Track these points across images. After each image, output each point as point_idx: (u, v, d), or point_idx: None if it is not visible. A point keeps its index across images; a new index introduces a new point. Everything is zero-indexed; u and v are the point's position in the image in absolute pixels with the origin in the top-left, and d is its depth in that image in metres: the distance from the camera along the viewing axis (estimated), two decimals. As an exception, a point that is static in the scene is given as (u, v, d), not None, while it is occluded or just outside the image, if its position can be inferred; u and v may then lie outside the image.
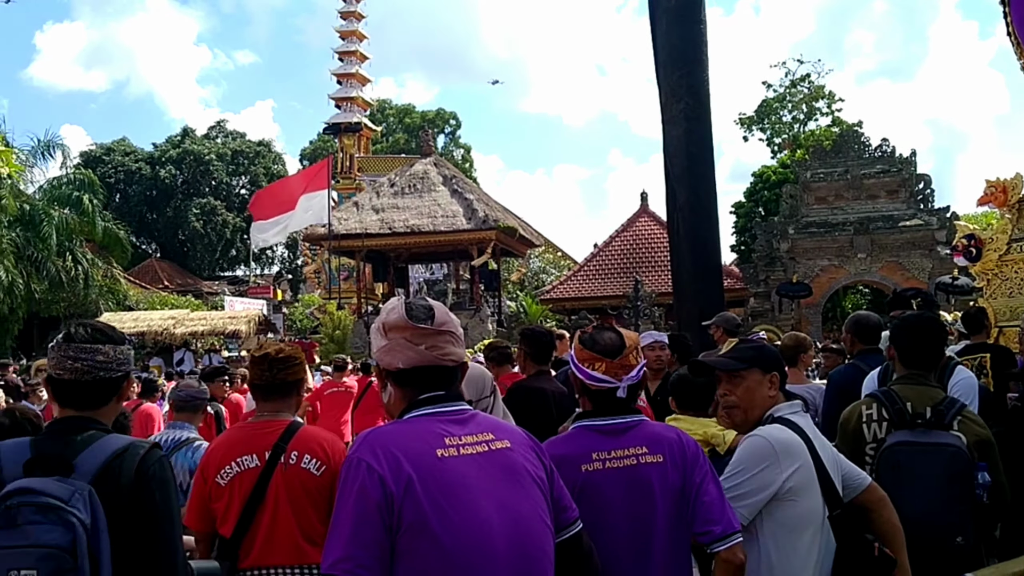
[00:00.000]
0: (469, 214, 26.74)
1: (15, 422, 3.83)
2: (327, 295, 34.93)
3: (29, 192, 29.70)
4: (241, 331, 27.58)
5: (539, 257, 39.39)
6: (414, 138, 55.94)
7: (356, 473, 2.01)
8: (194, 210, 54.60)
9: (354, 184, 42.04)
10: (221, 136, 60.70)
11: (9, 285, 25.50)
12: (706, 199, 9.64)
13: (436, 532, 1.96)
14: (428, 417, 2.14)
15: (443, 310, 2.26)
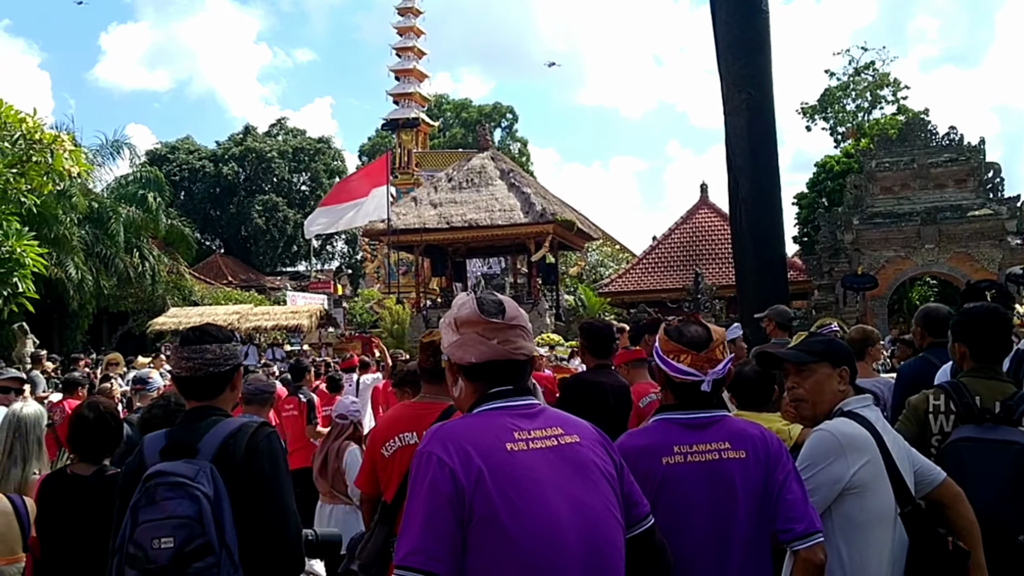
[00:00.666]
0: (527, 208, 26.71)
1: (98, 415, 3.94)
2: (386, 289, 35.25)
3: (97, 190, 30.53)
4: (303, 325, 28.01)
5: (597, 250, 39.24)
6: (471, 132, 56.08)
7: (427, 467, 2.03)
8: (256, 207, 55.52)
9: (412, 179, 42.28)
10: (282, 133, 61.62)
11: (79, 281, 26.23)
12: (769, 190, 9.51)
13: (506, 525, 1.97)
14: (498, 411, 2.15)
15: (513, 305, 2.28)
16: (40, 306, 14.60)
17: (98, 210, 28.27)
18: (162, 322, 28.08)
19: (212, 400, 2.79)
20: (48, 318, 26.08)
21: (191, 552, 2.43)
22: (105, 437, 3.94)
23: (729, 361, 2.74)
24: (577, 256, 34.05)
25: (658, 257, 32.87)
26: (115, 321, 32.04)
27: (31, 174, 13.19)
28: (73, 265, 25.76)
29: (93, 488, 3.87)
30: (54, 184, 14.22)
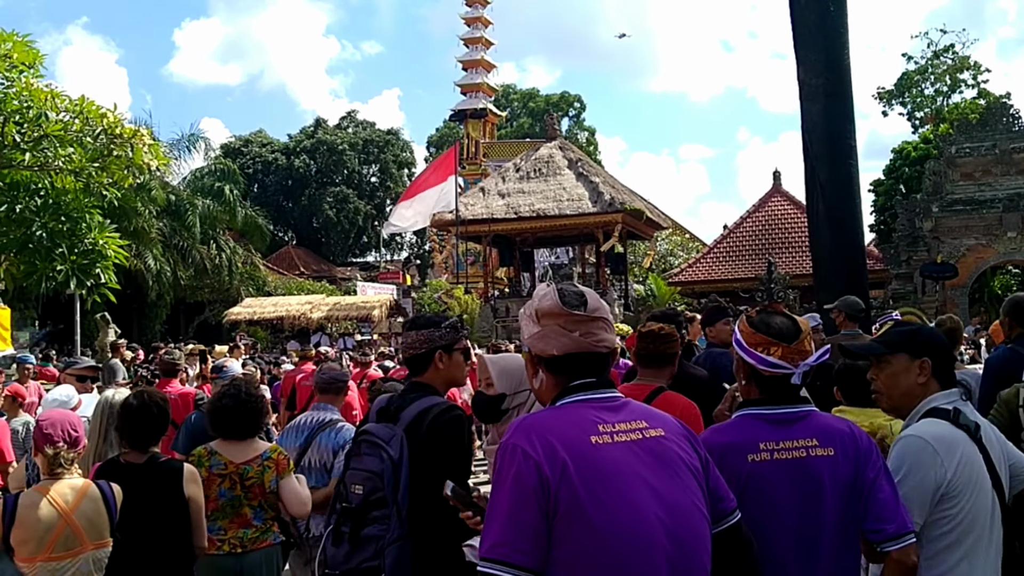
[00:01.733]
0: (595, 197, 26.56)
1: (143, 403, 4.03)
2: (454, 279, 35.43)
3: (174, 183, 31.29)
4: (373, 315, 28.34)
5: (666, 239, 38.82)
6: (538, 122, 55.97)
7: (512, 459, 2.01)
8: (327, 198, 56.33)
9: (480, 170, 42.41)
10: (352, 126, 62.32)
11: (158, 273, 26.96)
12: (847, 177, 9.25)
13: (592, 519, 1.94)
14: (581, 404, 2.13)
15: (595, 296, 2.25)
16: (121, 297, 15.01)
17: (175, 203, 28.99)
18: (237, 312, 28.71)
19: (421, 376, 3.28)
20: (128, 308, 26.87)
21: (374, 501, 2.98)
22: (150, 425, 4.02)
23: (824, 353, 2.64)
24: (647, 245, 33.74)
25: (729, 246, 32.39)
26: (192, 311, 32.85)
27: (112, 168, 13.55)
28: (152, 256, 26.49)
29: (146, 475, 3.95)
30: (134, 178, 14.59)
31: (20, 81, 12.72)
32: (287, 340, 27.32)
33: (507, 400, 2.86)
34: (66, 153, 12.98)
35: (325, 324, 28.34)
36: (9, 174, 13.36)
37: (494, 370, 2.91)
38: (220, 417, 4.47)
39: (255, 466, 4.38)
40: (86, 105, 13.07)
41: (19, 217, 12.95)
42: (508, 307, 26.24)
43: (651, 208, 30.15)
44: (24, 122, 12.68)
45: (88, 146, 13.15)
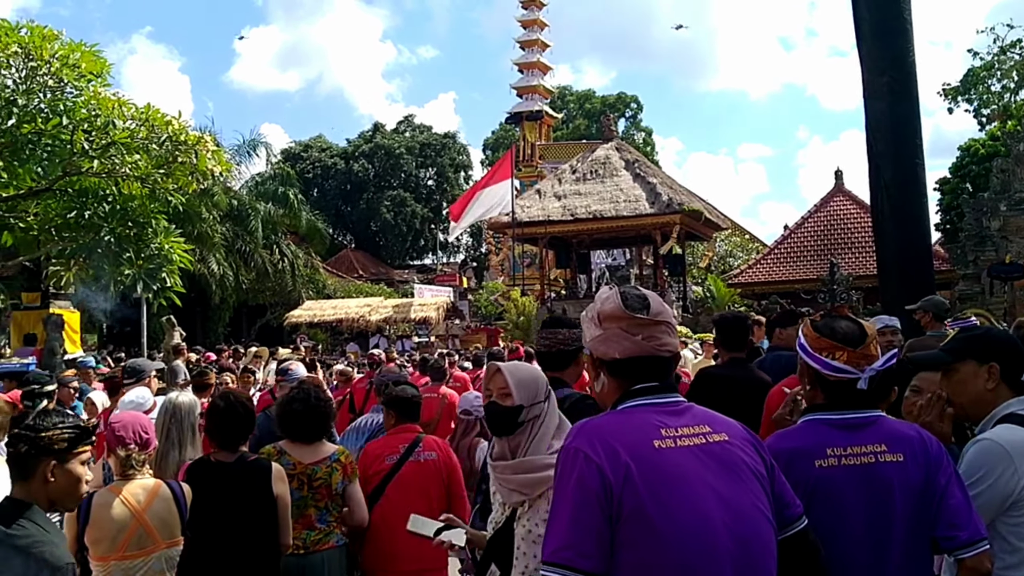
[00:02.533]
0: (652, 198, 26.37)
1: (228, 404, 4.11)
2: (510, 282, 35.49)
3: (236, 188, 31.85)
4: (431, 318, 28.51)
5: (725, 240, 38.37)
6: (594, 123, 55.78)
7: (574, 463, 2.01)
8: (385, 202, 56.86)
9: (536, 172, 42.42)
10: (409, 130, 62.82)
11: (221, 277, 27.47)
12: (913, 176, 9.05)
13: (656, 523, 1.93)
14: (643, 408, 2.12)
15: (658, 300, 2.24)
16: (185, 300, 15.33)
17: (238, 207, 29.51)
18: (298, 314, 29.13)
19: (561, 372, 3.48)
20: (193, 311, 27.41)
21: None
22: (237, 425, 4.10)
23: (892, 357, 2.59)
24: (705, 246, 33.39)
25: (790, 246, 31.86)
26: (254, 314, 33.36)
27: (177, 174, 13.85)
28: (215, 261, 27.01)
29: (236, 473, 4.03)
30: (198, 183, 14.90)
31: (88, 90, 13.07)
32: (346, 342, 27.64)
33: (523, 412, 2.76)
34: (133, 160, 13.29)
35: (383, 326, 28.59)
36: (78, 181, 13.72)
37: (512, 380, 2.81)
38: (290, 419, 4.54)
39: (323, 467, 4.43)
40: (152, 113, 13.37)
41: (88, 223, 13.30)
42: (565, 309, 26.15)
43: (709, 208, 29.82)
44: (92, 130, 13.02)
45: (154, 153, 13.45)
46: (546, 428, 2.77)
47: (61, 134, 12.78)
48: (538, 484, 2.61)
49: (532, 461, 2.66)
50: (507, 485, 2.69)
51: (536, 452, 2.70)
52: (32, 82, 12.76)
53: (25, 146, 12.72)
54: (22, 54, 12.51)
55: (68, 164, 13.30)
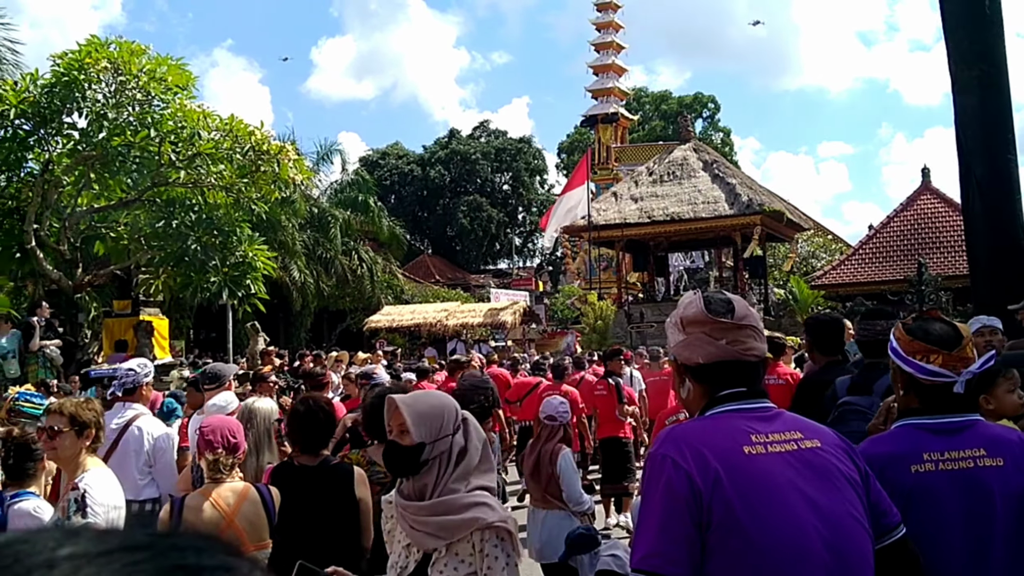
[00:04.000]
0: (732, 199, 25.92)
1: (308, 409, 4.14)
2: (586, 285, 35.32)
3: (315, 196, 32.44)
4: (507, 322, 28.53)
5: (808, 241, 37.51)
6: (671, 124, 55.20)
7: (661, 469, 1.98)
8: (461, 207, 57.31)
9: (612, 174, 42.14)
10: (484, 135, 63.21)
11: (302, 283, 27.97)
12: (1006, 172, 8.69)
13: (747, 530, 1.90)
14: (732, 413, 2.08)
15: (743, 304, 2.19)
16: (268, 306, 15.67)
17: (318, 215, 30.03)
18: (377, 319, 29.48)
19: (879, 357, 3.62)
20: (275, 317, 27.97)
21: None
22: (317, 429, 4.12)
23: (990, 358, 2.48)
24: (787, 248, 32.70)
25: (876, 247, 30.99)
26: (334, 319, 33.88)
27: (260, 183, 14.20)
28: (296, 268, 27.51)
29: (318, 477, 4.05)
30: (280, 192, 15.23)
31: (175, 103, 13.48)
32: (424, 347, 27.83)
33: (427, 450, 2.51)
34: (217, 170, 13.66)
35: (460, 331, 28.73)
36: (166, 191, 14.16)
37: (409, 415, 2.52)
38: (375, 422, 4.57)
39: None
40: (235, 124, 13.72)
41: (175, 232, 13.70)
42: (643, 312, 25.93)
43: (791, 209, 29.21)
44: (179, 141, 13.42)
45: (237, 163, 13.81)
46: (465, 465, 2.54)
47: (149, 146, 13.22)
48: (459, 527, 2.46)
49: (451, 502, 2.50)
50: (422, 528, 2.54)
51: (452, 491, 2.49)
52: (121, 96, 13.22)
53: (116, 158, 13.18)
54: (111, 69, 12.97)
55: (156, 175, 13.74)
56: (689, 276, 35.63)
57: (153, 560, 0.51)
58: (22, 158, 13.47)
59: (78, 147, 13.32)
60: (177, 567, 0.51)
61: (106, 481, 3.66)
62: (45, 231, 14.04)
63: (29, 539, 0.52)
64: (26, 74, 13.66)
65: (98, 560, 0.50)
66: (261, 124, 14.18)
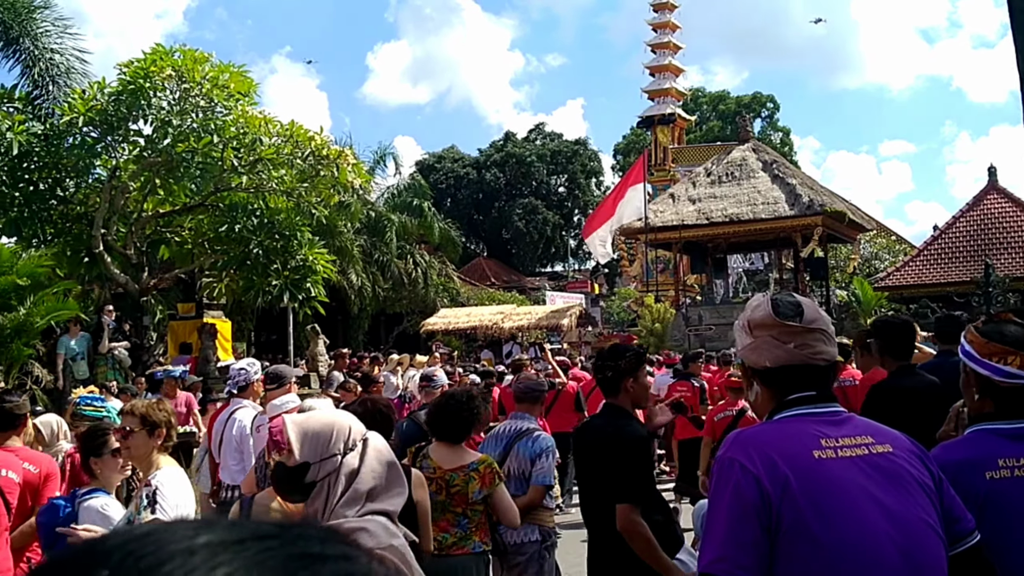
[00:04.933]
0: (792, 200, 25.54)
1: (366, 411, 4.18)
2: (643, 288, 35.07)
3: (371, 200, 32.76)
4: (563, 325, 28.46)
5: (870, 242, 36.78)
6: (729, 125, 54.63)
7: (729, 473, 1.97)
8: (517, 210, 57.32)
9: (668, 176, 41.80)
10: (540, 138, 63.17)
11: (359, 287, 28.26)
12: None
13: (818, 536, 1.88)
14: (801, 418, 2.06)
15: (812, 307, 2.16)
16: (326, 309, 15.88)
17: (374, 219, 30.32)
18: (433, 322, 29.63)
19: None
20: (334, 320, 28.29)
21: None
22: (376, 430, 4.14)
23: None
24: (849, 249, 32.10)
25: (941, 248, 30.25)
26: (391, 322, 34.15)
27: (319, 187, 14.40)
28: (354, 272, 27.80)
29: None
30: (339, 196, 15.42)
31: (236, 109, 13.73)
32: (480, 349, 27.91)
33: (312, 471, 2.40)
34: (278, 175, 13.88)
35: (516, 333, 28.74)
36: (228, 196, 14.43)
37: (294, 432, 2.41)
38: (436, 419, 4.66)
39: (460, 475, 4.46)
40: (295, 129, 13.93)
41: (238, 236, 13.96)
42: (701, 315, 25.64)
43: (853, 209, 28.67)
44: (241, 147, 13.68)
45: (298, 167, 14.02)
46: (355, 488, 2.40)
47: (212, 152, 13.49)
48: None
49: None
50: None
51: (340, 517, 2.37)
52: (185, 103, 13.51)
53: (180, 164, 13.47)
54: (175, 77, 13.26)
55: (219, 180, 14.01)
56: (748, 278, 35.19)
57: (282, 548, 0.55)
58: (90, 164, 13.84)
59: (144, 153, 13.65)
60: (304, 555, 0.55)
61: (177, 480, 3.74)
62: (112, 236, 14.40)
63: (169, 529, 0.56)
64: (94, 83, 14.05)
65: (233, 548, 0.54)
66: (320, 129, 14.38)
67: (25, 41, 14.99)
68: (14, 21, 14.87)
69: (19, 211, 13.26)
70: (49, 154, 13.39)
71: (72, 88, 14.62)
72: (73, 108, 13.25)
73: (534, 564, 5.08)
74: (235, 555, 0.53)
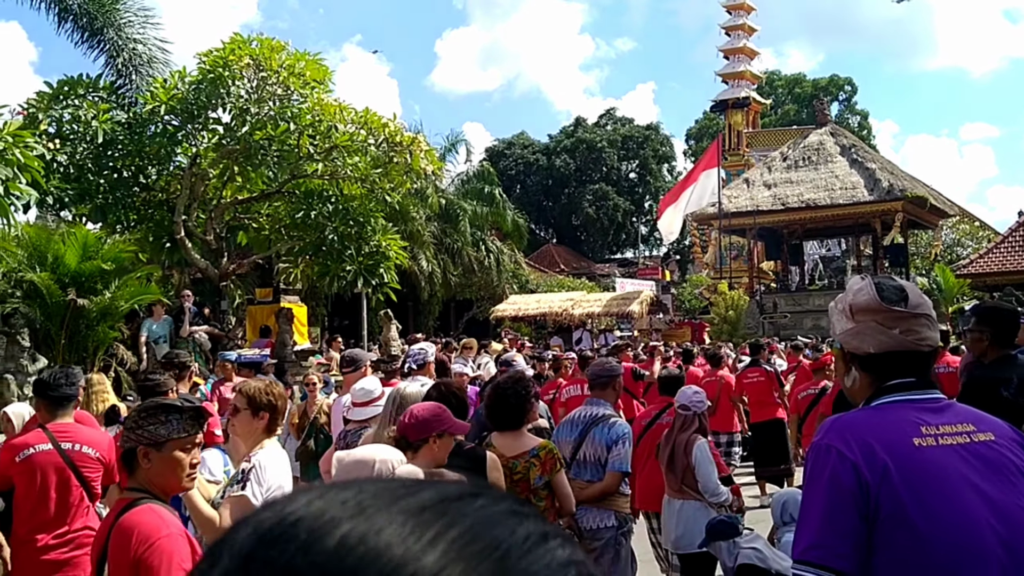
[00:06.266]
0: (871, 185, 24.91)
1: (441, 394, 4.19)
2: (716, 275, 34.58)
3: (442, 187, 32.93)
4: (634, 312, 28.24)
5: (952, 228, 35.65)
6: (804, 108, 53.48)
7: (826, 459, 1.94)
8: (587, 196, 56.99)
9: (743, 160, 41.09)
10: (611, 123, 62.66)
11: (430, 273, 28.46)
12: None
13: (917, 525, 1.85)
14: (900, 404, 2.02)
15: (916, 291, 2.11)
16: (397, 295, 16.02)
17: (446, 206, 30.48)
18: (503, 309, 29.72)
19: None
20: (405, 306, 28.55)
21: None
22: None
23: None
24: (930, 235, 31.18)
25: (1027, 234, 29.16)
26: (461, 308, 34.32)
27: (392, 174, 14.49)
28: (425, 258, 27.99)
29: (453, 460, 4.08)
30: (412, 182, 15.51)
31: (312, 97, 13.89)
32: (549, 336, 27.87)
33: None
34: (353, 162, 14.01)
35: (586, 320, 28.62)
36: (304, 183, 14.62)
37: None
38: (492, 409, 4.67)
39: (522, 462, 4.45)
40: (370, 116, 14.04)
41: (314, 222, 14.15)
42: (776, 302, 25.20)
43: (934, 194, 27.82)
44: (316, 134, 13.83)
45: (372, 154, 14.13)
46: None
47: (289, 139, 13.67)
48: None
49: None
50: None
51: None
52: (262, 91, 13.71)
53: (257, 152, 13.69)
54: (253, 65, 13.46)
55: (295, 167, 14.21)
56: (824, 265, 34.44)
57: (495, 504, 0.57)
58: (172, 152, 14.15)
59: (223, 141, 13.91)
60: (512, 512, 0.57)
61: (276, 460, 3.78)
62: (192, 222, 14.73)
63: (400, 479, 0.59)
64: (175, 72, 14.35)
65: (461, 501, 0.56)
66: (394, 116, 14.47)
67: (109, 31, 15.37)
68: (98, 12, 15.26)
69: (104, 198, 13.61)
70: (132, 142, 13.71)
71: (154, 77, 14.96)
72: (155, 97, 13.55)
73: (610, 550, 5.05)
74: (464, 506, 0.55)
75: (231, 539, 0.54)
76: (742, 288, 28.53)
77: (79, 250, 12.75)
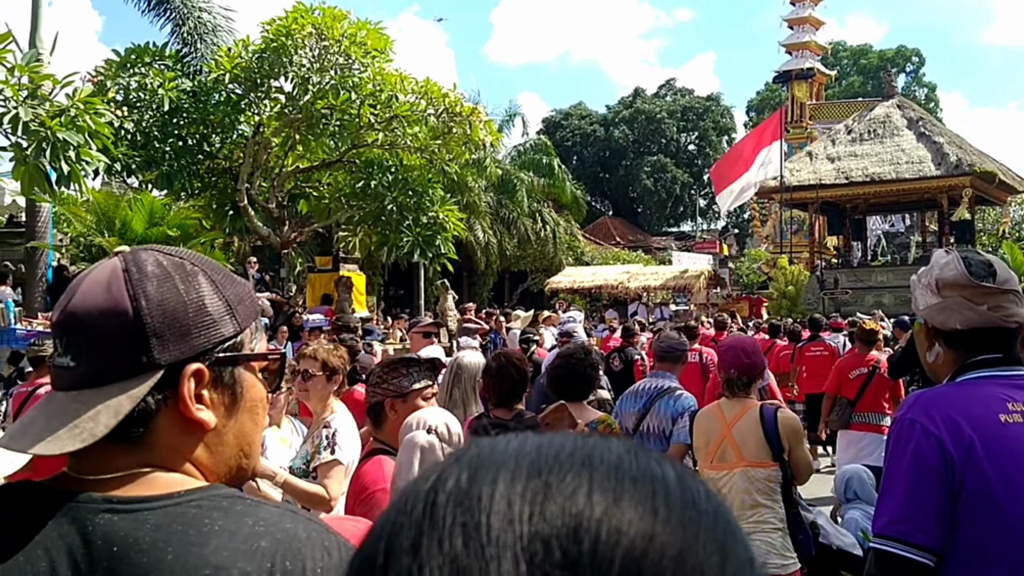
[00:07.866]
0: (939, 159, 24.22)
1: (500, 365, 4.19)
2: (775, 249, 34.06)
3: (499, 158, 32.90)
4: (691, 285, 28.01)
5: (1021, 204, 34.61)
6: (870, 80, 52.22)
7: (910, 435, 1.92)
8: (645, 168, 56.43)
9: (805, 133, 40.24)
10: (670, 94, 61.86)
11: (486, 244, 28.52)
12: None
13: (1002, 502, 1.83)
14: (986, 380, 1.99)
15: (1004, 267, 2.08)
16: (454, 265, 16.09)
17: (502, 177, 30.47)
18: (557, 280, 29.69)
19: None
20: (460, 276, 28.69)
21: None
22: (511, 384, 4.18)
23: None
24: (998, 212, 30.31)
25: (1102, 211, 28.18)
26: (516, 279, 34.39)
27: (451, 144, 14.50)
28: (481, 229, 28.06)
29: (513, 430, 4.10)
30: (470, 153, 15.52)
31: (373, 66, 13.93)
32: (604, 309, 27.79)
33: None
34: (412, 132, 14.05)
35: (642, 294, 28.46)
36: (364, 152, 14.72)
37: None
38: (555, 379, 4.67)
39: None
40: (430, 86, 14.04)
41: (373, 192, 14.25)
42: (837, 278, 24.74)
43: (1004, 169, 26.98)
44: (377, 104, 13.89)
45: (431, 125, 14.15)
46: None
47: (350, 109, 13.74)
48: None
49: None
50: None
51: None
52: (324, 60, 13.78)
53: (319, 121, 13.79)
54: (315, 34, 13.52)
55: (356, 137, 14.29)
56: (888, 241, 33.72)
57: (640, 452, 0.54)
58: (235, 121, 14.33)
59: (284, 110, 14.04)
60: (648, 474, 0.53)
61: (351, 424, 3.88)
62: (255, 190, 14.93)
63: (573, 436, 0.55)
64: (238, 40, 14.50)
65: (629, 454, 0.52)
66: (454, 86, 14.45)
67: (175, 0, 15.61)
68: (166, -20, 15.50)
69: (169, 165, 13.85)
70: (197, 110, 13.91)
71: (218, 46, 15.15)
72: (219, 65, 13.72)
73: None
74: (623, 454, 0.52)
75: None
76: (802, 263, 28.09)
77: (146, 216, 13.04)
